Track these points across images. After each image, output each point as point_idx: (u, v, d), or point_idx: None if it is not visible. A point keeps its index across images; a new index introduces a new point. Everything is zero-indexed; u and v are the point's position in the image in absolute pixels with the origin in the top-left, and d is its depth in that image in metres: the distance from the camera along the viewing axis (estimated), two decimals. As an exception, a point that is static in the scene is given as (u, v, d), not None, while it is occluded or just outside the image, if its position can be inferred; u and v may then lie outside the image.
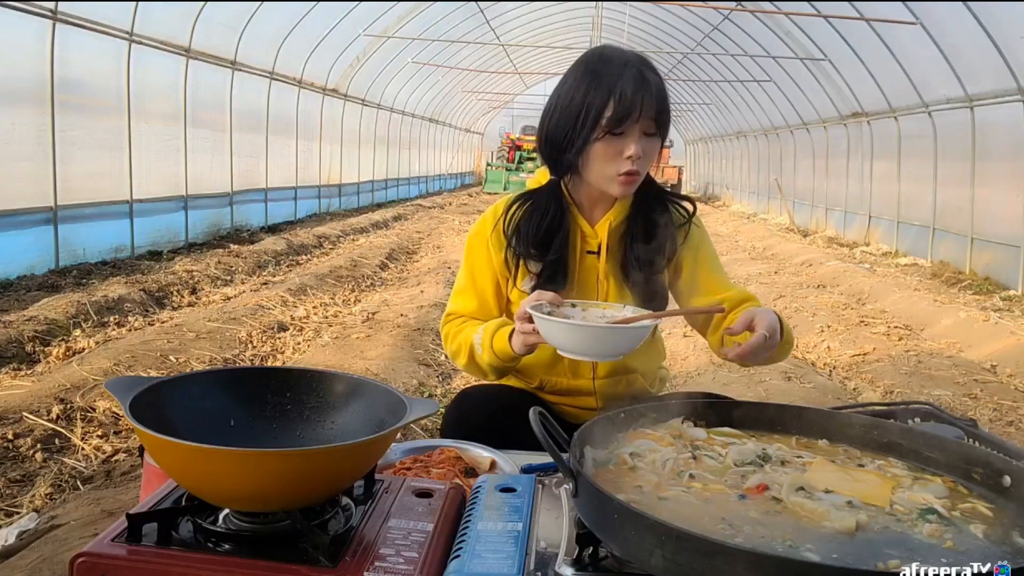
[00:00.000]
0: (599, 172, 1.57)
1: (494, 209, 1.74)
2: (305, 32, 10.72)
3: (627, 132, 1.52)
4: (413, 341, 4.87)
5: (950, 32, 8.04)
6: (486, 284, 1.71)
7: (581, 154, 1.56)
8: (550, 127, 1.60)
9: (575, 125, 1.54)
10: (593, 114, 1.51)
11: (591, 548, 0.95)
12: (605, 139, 1.52)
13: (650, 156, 1.58)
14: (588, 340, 1.37)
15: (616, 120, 1.50)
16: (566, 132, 1.56)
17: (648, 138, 1.55)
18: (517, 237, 1.66)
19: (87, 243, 6.90)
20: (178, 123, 8.41)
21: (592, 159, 1.56)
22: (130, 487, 2.65)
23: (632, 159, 1.52)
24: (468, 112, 26.86)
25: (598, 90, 1.51)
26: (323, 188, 13.37)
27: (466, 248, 1.76)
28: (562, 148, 1.58)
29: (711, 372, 4.46)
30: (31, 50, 6.13)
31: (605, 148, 1.53)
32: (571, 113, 1.54)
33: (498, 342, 1.55)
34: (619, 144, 1.53)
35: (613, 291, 1.67)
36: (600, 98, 1.50)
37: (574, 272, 1.66)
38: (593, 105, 1.51)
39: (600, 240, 1.66)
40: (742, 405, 1.28)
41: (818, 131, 13.70)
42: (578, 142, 1.54)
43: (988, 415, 3.98)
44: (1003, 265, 7.84)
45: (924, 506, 0.97)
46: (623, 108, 1.49)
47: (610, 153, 1.54)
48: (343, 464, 1.01)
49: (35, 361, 4.21)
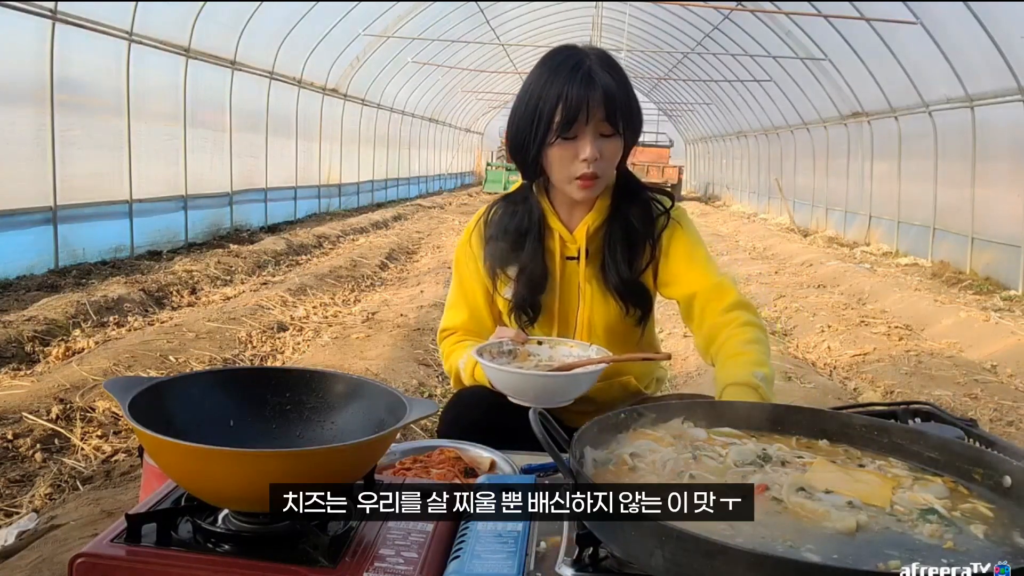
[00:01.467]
0: (558, 176, 1.56)
1: (476, 215, 1.75)
2: (305, 32, 10.72)
3: (579, 135, 1.50)
4: (413, 341, 4.87)
5: (950, 32, 8.05)
6: (476, 294, 1.71)
7: (541, 158, 1.55)
8: (512, 131, 1.60)
9: (531, 129, 1.53)
10: (545, 119, 1.50)
11: (591, 548, 0.95)
12: (559, 143, 1.51)
13: (610, 158, 1.56)
14: (528, 388, 1.39)
15: (565, 124, 1.49)
16: (524, 136, 1.55)
17: (606, 139, 1.53)
18: (491, 241, 1.66)
19: (87, 243, 6.90)
20: (178, 123, 8.41)
21: (551, 163, 1.55)
22: (130, 487, 2.65)
23: (587, 162, 1.51)
24: (468, 112, 26.86)
25: (549, 92, 1.50)
26: (323, 188, 13.37)
27: (455, 261, 1.77)
28: (524, 152, 1.57)
29: (711, 372, 4.45)
30: (31, 50, 6.13)
31: (561, 152, 1.52)
32: (527, 117, 1.54)
33: (478, 373, 1.58)
34: (573, 147, 1.51)
35: (596, 296, 1.66)
36: (550, 102, 1.49)
37: (555, 279, 1.65)
38: (544, 109, 1.50)
39: (579, 245, 1.65)
40: (742, 405, 1.28)
41: (818, 131, 13.70)
42: (535, 146, 1.54)
43: (988, 415, 3.98)
44: (1003, 265, 7.84)
45: (924, 506, 0.97)
46: (570, 111, 1.47)
47: (566, 156, 1.53)
48: (343, 464, 1.01)
49: (35, 361, 4.21)
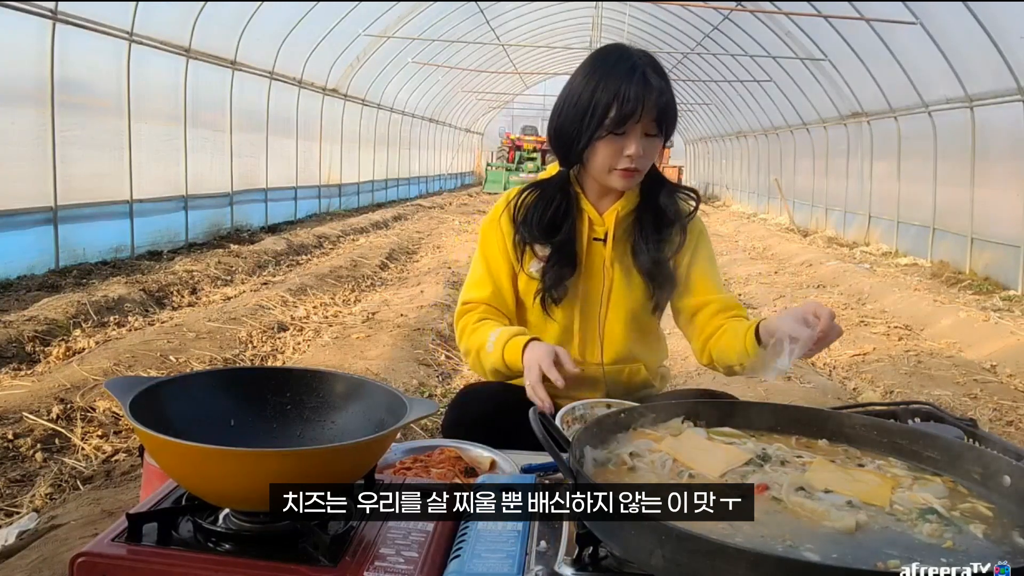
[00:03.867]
0: (601, 167, 1.64)
1: (506, 196, 1.80)
2: (305, 32, 10.72)
3: (629, 132, 1.58)
4: (413, 341, 4.86)
5: (950, 32, 8.04)
6: (501, 270, 1.75)
7: (586, 149, 1.63)
8: (560, 122, 1.66)
9: (582, 122, 1.60)
10: (599, 113, 1.57)
11: (591, 548, 0.95)
12: (608, 137, 1.59)
13: (651, 156, 1.64)
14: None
15: (618, 120, 1.56)
16: (574, 128, 1.62)
17: (649, 139, 1.61)
18: (525, 223, 1.71)
19: (87, 243, 6.89)
20: (178, 123, 8.41)
21: (595, 155, 1.62)
22: (130, 487, 2.65)
23: (632, 158, 1.59)
24: (468, 112, 26.86)
25: (604, 90, 1.57)
26: (323, 188, 13.37)
27: (480, 237, 1.81)
28: (570, 142, 1.64)
29: (711, 372, 4.45)
30: (31, 50, 6.13)
31: (608, 146, 1.60)
32: (579, 110, 1.61)
33: (510, 350, 1.58)
34: (621, 143, 1.59)
35: (619, 278, 1.72)
36: (605, 98, 1.57)
37: (581, 258, 1.72)
38: (599, 104, 1.57)
39: (607, 228, 1.71)
40: (742, 405, 1.28)
41: (818, 131, 13.70)
42: (584, 138, 1.61)
43: (988, 415, 3.98)
44: (1003, 265, 7.84)
45: (924, 506, 0.97)
46: (625, 109, 1.55)
47: (612, 151, 1.60)
48: (343, 464, 1.01)
49: (35, 361, 4.21)
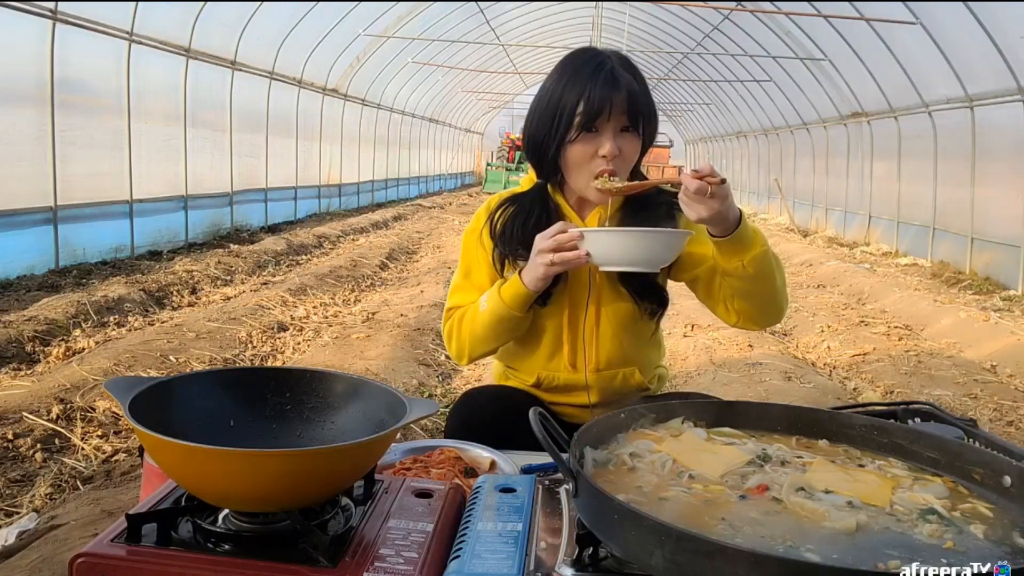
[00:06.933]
0: (576, 175, 1.59)
1: (486, 206, 1.76)
2: (305, 32, 10.73)
3: (601, 130, 1.54)
4: (413, 341, 4.86)
5: (950, 32, 8.04)
6: (483, 278, 1.72)
7: (560, 156, 1.59)
8: (531, 129, 1.63)
9: (551, 126, 1.57)
10: (567, 114, 1.54)
11: (591, 548, 0.95)
12: (581, 139, 1.55)
13: (629, 155, 1.58)
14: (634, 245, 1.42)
15: (587, 119, 1.52)
16: (544, 134, 1.59)
17: (625, 136, 1.56)
18: (503, 239, 1.68)
19: (87, 243, 6.90)
20: (178, 123, 8.41)
21: (570, 162, 1.58)
22: (130, 487, 2.65)
23: (607, 158, 1.54)
24: (468, 112, 26.86)
25: (571, 91, 1.54)
26: (323, 188, 13.37)
27: (462, 246, 1.78)
28: (543, 148, 1.61)
29: (711, 372, 4.46)
30: (31, 50, 6.13)
31: (581, 148, 1.55)
32: (548, 115, 1.57)
33: (507, 289, 1.56)
34: (594, 143, 1.55)
35: (605, 284, 1.68)
36: (572, 98, 1.54)
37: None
38: (567, 105, 1.54)
39: None
40: (742, 405, 1.28)
41: (818, 131, 13.70)
42: (555, 143, 1.57)
43: (988, 415, 3.98)
44: (1003, 265, 7.84)
45: (924, 506, 0.97)
46: (593, 106, 1.51)
47: (587, 153, 1.55)
48: (343, 464, 1.01)
49: (35, 361, 4.21)
